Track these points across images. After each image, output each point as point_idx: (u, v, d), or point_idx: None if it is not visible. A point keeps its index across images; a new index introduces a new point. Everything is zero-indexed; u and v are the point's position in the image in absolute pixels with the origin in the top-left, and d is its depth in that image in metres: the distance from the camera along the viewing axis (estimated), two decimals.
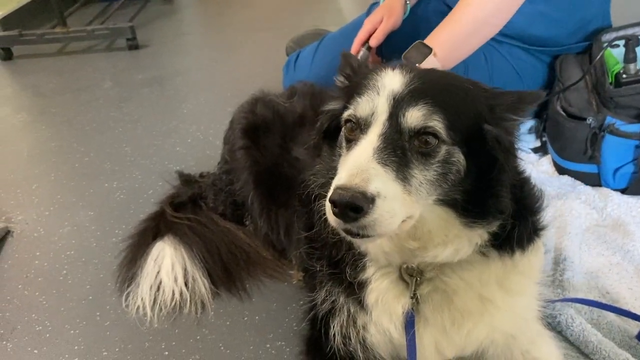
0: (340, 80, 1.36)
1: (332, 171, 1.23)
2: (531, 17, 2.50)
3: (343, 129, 1.20)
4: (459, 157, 1.12)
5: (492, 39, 2.62)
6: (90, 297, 1.98)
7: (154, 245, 1.99)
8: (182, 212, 2.12)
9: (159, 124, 3.26)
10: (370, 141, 1.07)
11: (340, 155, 1.21)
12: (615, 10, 2.70)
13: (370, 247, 1.25)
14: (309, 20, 4.82)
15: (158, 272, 1.92)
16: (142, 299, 1.87)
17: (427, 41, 2.12)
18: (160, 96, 3.71)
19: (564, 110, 2.34)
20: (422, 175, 1.08)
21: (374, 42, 2.43)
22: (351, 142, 1.14)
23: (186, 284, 1.90)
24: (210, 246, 2.00)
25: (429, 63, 2.05)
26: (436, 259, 1.20)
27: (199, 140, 3.02)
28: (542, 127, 2.60)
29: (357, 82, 1.23)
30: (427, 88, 1.12)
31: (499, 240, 1.21)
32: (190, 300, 1.88)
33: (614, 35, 2.48)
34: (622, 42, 2.36)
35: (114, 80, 4.03)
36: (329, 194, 1.00)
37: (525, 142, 2.62)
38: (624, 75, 2.22)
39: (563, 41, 2.62)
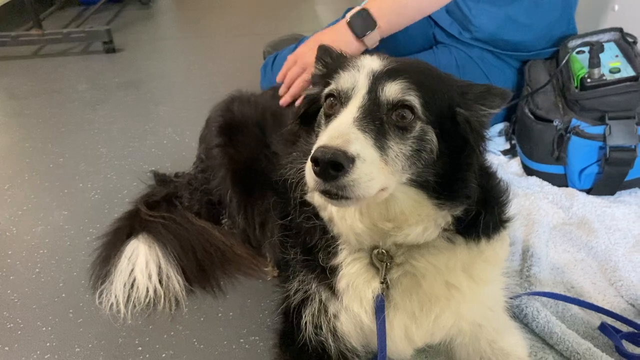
0: (318, 68, 1.41)
1: (309, 155, 1.26)
2: (502, 22, 2.59)
3: (323, 106, 1.25)
4: (432, 137, 1.17)
5: (463, 43, 2.70)
6: (64, 295, 1.97)
7: (128, 243, 1.98)
8: (157, 211, 2.12)
9: (135, 126, 3.25)
10: (350, 112, 1.12)
11: (318, 135, 1.25)
12: (580, 19, 2.80)
13: (343, 228, 1.27)
14: (286, 26, 4.87)
15: (132, 270, 1.92)
16: (115, 296, 1.87)
17: (371, 9, 2.12)
18: (137, 99, 3.70)
19: (532, 113, 2.42)
20: (398, 148, 1.13)
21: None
22: (330, 116, 1.19)
23: (160, 282, 1.91)
24: (185, 244, 2.00)
25: (369, 37, 2.12)
26: (407, 238, 1.24)
27: (174, 142, 3.03)
28: (512, 129, 2.67)
29: (336, 66, 1.29)
30: (404, 69, 1.19)
31: (462, 226, 1.26)
32: (164, 297, 1.88)
33: (579, 41, 2.57)
34: (587, 49, 2.45)
35: (89, 83, 4.01)
36: (311, 154, 1.02)
37: (495, 144, 2.70)
38: (589, 80, 2.30)
39: (531, 46, 2.70)
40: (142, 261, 1.93)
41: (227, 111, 2.06)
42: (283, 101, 2.08)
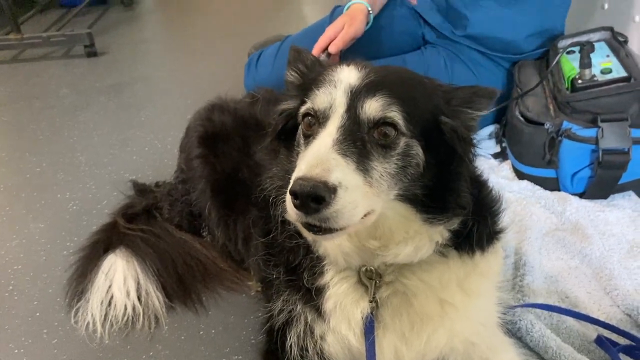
0: (292, 74, 1.32)
1: (289, 173, 1.17)
2: (497, 19, 2.54)
3: (300, 125, 1.18)
4: (418, 151, 1.11)
5: (453, 44, 2.65)
6: (38, 314, 1.88)
7: (105, 258, 1.91)
8: (136, 223, 2.04)
9: (116, 133, 3.17)
10: (329, 133, 1.05)
11: (298, 154, 1.18)
12: (569, 17, 2.75)
13: (330, 248, 1.21)
14: (271, 28, 4.79)
15: (109, 287, 1.84)
16: (92, 315, 1.79)
17: None
18: (118, 104, 3.61)
19: (522, 116, 2.36)
20: (383, 168, 1.06)
21: (333, 49, 2.41)
22: (309, 137, 1.12)
23: (139, 298, 1.83)
24: (165, 258, 1.93)
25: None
26: (397, 258, 1.17)
27: (156, 149, 2.95)
28: (502, 132, 2.62)
29: (312, 78, 1.22)
30: (384, 81, 1.11)
31: (460, 239, 1.20)
32: (143, 315, 1.80)
33: (569, 41, 2.52)
34: (577, 49, 2.40)
35: (70, 88, 3.91)
36: (289, 187, 0.96)
37: (486, 147, 2.64)
38: (580, 81, 2.25)
39: (521, 46, 2.66)
40: (119, 277, 1.86)
41: (207, 120, 1.99)
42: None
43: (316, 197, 0.93)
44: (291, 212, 1.00)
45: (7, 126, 3.34)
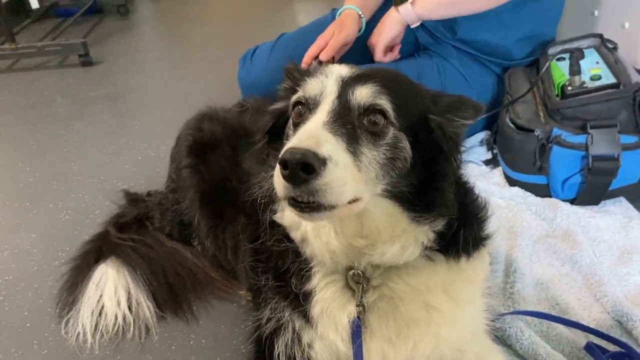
0: (285, 85, 1.35)
1: None
2: (486, 21, 2.55)
3: (291, 116, 1.20)
4: (406, 145, 1.12)
5: (445, 48, 2.67)
6: (28, 325, 1.88)
7: (96, 268, 1.90)
8: (127, 233, 2.04)
9: (109, 142, 3.17)
10: (320, 116, 1.06)
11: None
12: (559, 24, 2.77)
13: (317, 247, 1.21)
14: (267, 36, 4.78)
15: (100, 297, 1.84)
16: (82, 325, 1.78)
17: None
18: (112, 113, 3.62)
19: (513, 123, 2.37)
20: (372, 155, 1.07)
21: (324, 56, 2.43)
22: (298, 125, 1.13)
23: (130, 308, 1.82)
24: (156, 268, 1.92)
25: (404, 8, 2.50)
26: (383, 258, 1.17)
27: (149, 158, 2.95)
28: (493, 139, 2.63)
29: (303, 79, 1.23)
30: (374, 74, 1.15)
31: (445, 241, 1.20)
32: (133, 325, 1.80)
33: (559, 48, 2.54)
34: (567, 55, 2.41)
35: (64, 98, 3.92)
36: (280, 156, 0.95)
37: (477, 154, 2.65)
38: (569, 87, 2.26)
39: (511, 50, 2.67)
40: (110, 287, 1.85)
41: (196, 130, 2.00)
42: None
43: (306, 166, 0.93)
44: (279, 185, 0.99)
45: (1, 136, 3.35)
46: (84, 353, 1.74)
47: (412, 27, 2.58)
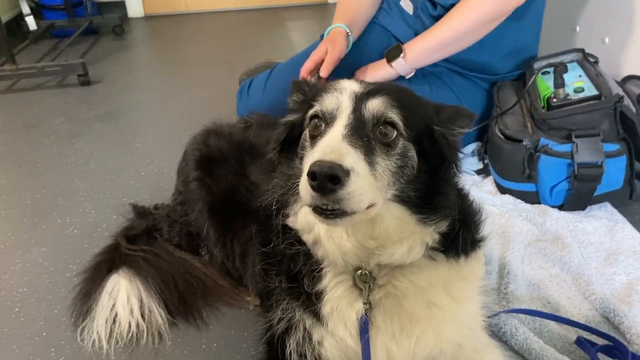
0: (294, 99, 1.46)
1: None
2: None
3: (307, 129, 1.30)
4: (413, 154, 1.24)
5: (434, 65, 2.77)
6: (44, 334, 1.95)
7: (109, 278, 1.98)
8: (137, 244, 2.12)
9: (112, 159, 3.25)
10: (338, 130, 1.17)
11: (302, 157, 1.30)
12: (543, 39, 2.90)
13: (329, 249, 1.29)
14: (260, 54, 4.93)
15: (113, 305, 1.91)
16: (97, 333, 1.85)
17: (405, 45, 2.60)
18: (113, 131, 3.70)
19: (502, 133, 2.49)
20: (385, 164, 1.18)
21: (324, 72, 2.52)
22: (316, 137, 1.24)
23: (142, 316, 1.90)
24: (166, 277, 2.00)
25: (397, 63, 2.59)
26: (392, 258, 1.27)
27: (153, 173, 3.04)
28: (484, 149, 2.74)
29: (314, 92, 1.34)
30: (383, 89, 1.26)
31: (448, 241, 1.31)
32: (147, 331, 1.87)
33: (544, 62, 2.67)
34: (551, 69, 2.54)
35: (65, 117, 3.99)
36: (306, 170, 1.05)
37: (469, 164, 2.76)
38: (554, 100, 2.38)
39: (496, 67, 2.79)
40: (123, 296, 1.93)
41: (203, 144, 2.08)
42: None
43: (333, 178, 1.03)
44: (306, 195, 1.09)
45: (6, 154, 3.42)
46: (101, 359, 1.81)
47: (406, 77, 2.68)
